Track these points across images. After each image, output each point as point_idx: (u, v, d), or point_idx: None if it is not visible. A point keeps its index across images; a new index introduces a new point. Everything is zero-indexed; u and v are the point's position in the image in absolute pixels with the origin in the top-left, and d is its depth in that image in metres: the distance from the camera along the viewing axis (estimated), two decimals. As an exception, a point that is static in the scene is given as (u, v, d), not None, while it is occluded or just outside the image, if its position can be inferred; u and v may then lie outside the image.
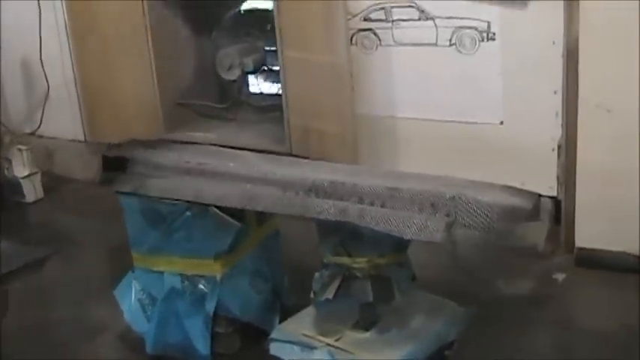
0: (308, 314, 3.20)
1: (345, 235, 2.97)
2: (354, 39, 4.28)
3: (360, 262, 2.96)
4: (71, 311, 3.85)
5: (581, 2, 3.56)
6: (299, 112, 4.60)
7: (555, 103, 3.82)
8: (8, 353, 3.45)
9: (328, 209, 2.87)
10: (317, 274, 3.08)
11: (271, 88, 5.23)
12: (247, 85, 5.29)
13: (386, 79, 4.27)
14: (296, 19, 4.29)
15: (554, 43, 3.73)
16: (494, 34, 3.86)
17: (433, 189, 2.94)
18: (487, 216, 2.87)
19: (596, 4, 3.51)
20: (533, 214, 3.13)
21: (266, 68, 5.12)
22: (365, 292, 2.99)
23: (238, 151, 3.47)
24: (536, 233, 4.00)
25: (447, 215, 2.87)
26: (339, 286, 3.01)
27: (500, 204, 2.93)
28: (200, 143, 4.17)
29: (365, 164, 4.35)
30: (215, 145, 4.84)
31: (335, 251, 2.97)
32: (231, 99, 5.25)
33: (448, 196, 2.89)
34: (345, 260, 2.99)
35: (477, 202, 2.89)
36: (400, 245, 3.01)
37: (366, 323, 3.09)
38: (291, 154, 4.65)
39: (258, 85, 5.28)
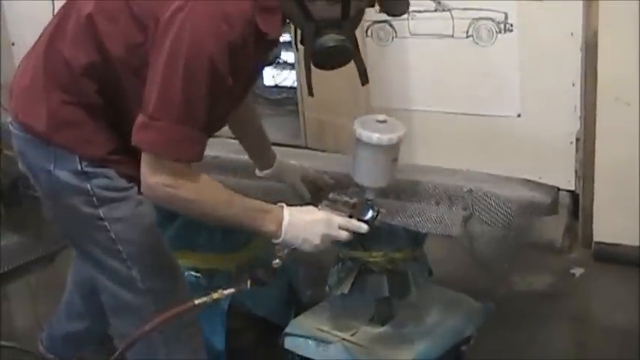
0: (323, 309, 3.16)
1: (360, 229, 2.93)
2: (369, 31, 4.24)
3: (376, 257, 2.93)
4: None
5: (600, -5, 3.50)
6: (314, 105, 4.57)
7: (573, 95, 3.77)
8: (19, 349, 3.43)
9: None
10: (332, 269, 3.05)
11: (286, 80, 5.20)
12: (262, 78, 5.26)
13: (401, 72, 4.23)
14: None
15: (572, 34, 3.68)
16: (511, 25, 3.82)
17: (450, 182, 2.92)
18: (505, 210, 2.84)
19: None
20: (552, 208, 3.10)
21: (281, 61, 5.08)
22: (381, 286, 2.95)
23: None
24: (554, 227, 3.96)
25: (464, 209, 2.84)
26: (355, 281, 2.97)
27: (518, 198, 2.91)
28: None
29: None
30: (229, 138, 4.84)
31: (350, 245, 2.93)
32: (247, 92, 5.21)
33: (465, 189, 2.86)
34: (360, 254, 2.96)
35: (495, 196, 2.86)
36: (417, 239, 2.98)
37: (381, 318, 3.05)
38: (306, 148, 4.63)
39: (273, 77, 5.24)
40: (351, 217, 2.41)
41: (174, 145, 2.17)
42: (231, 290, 2.36)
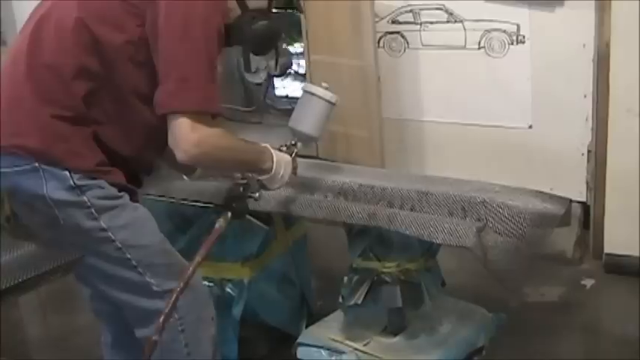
0: (336, 319, 3.17)
1: (373, 240, 2.95)
2: (381, 42, 4.26)
3: (389, 267, 2.94)
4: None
5: (613, 5, 3.50)
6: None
7: (585, 107, 3.78)
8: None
9: (357, 213, 2.85)
10: (345, 279, 3.05)
11: (297, 91, 5.21)
12: (273, 88, 5.27)
13: (413, 83, 4.24)
14: (323, 22, 4.27)
15: (584, 46, 3.69)
16: (523, 36, 3.83)
17: (464, 193, 2.92)
18: (518, 221, 2.84)
19: (628, 8, 3.46)
20: (565, 219, 3.10)
21: (292, 71, 5.10)
22: (394, 297, 2.96)
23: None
24: (565, 239, 3.96)
25: (478, 220, 2.84)
26: (368, 291, 2.98)
27: (531, 209, 2.90)
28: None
29: (392, 168, 4.32)
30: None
31: (364, 255, 2.94)
32: (257, 102, 5.23)
33: (479, 200, 2.86)
34: (373, 265, 2.96)
35: (508, 207, 2.86)
36: (430, 250, 2.98)
37: (394, 328, 3.06)
38: (317, 158, 4.64)
39: (284, 88, 5.25)
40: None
41: (210, 100, 2.38)
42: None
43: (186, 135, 2.33)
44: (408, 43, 4.16)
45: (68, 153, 2.37)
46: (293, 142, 2.79)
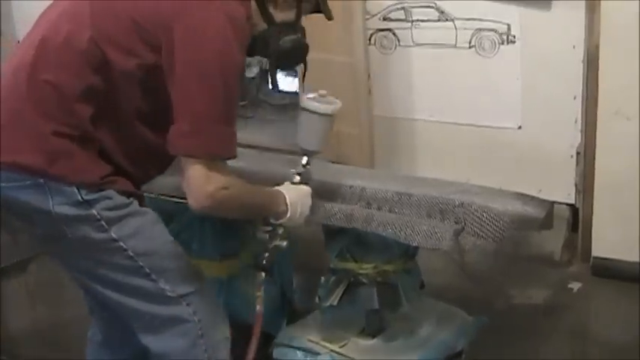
0: (314, 319, 3.15)
1: (351, 240, 2.92)
2: (372, 39, 4.22)
3: (366, 268, 2.92)
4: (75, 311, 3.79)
5: (602, 6, 3.46)
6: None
7: (575, 108, 3.74)
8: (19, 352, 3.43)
9: (335, 213, 2.81)
10: (322, 279, 3.03)
11: (291, 85, 5.17)
12: (267, 83, 5.23)
13: (404, 81, 4.21)
14: (314, 19, 4.22)
15: (574, 47, 3.65)
16: (514, 36, 3.79)
17: (443, 195, 2.88)
18: (497, 224, 2.81)
19: (618, 9, 3.42)
20: (546, 223, 3.06)
21: (286, 67, 5.04)
22: (370, 299, 2.93)
23: (249, 150, 3.43)
24: (553, 241, 3.92)
25: (456, 222, 2.81)
26: (345, 293, 2.96)
27: (511, 212, 2.87)
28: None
29: (381, 166, 4.29)
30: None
31: (341, 256, 2.92)
32: (250, 97, 5.19)
33: (457, 202, 2.83)
34: (350, 266, 2.94)
35: (487, 210, 2.83)
36: (408, 252, 2.95)
37: (372, 330, 3.03)
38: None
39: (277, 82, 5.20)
40: (305, 183, 2.70)
41: (226, 145, 2.30)
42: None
43: (200, 186, 2.27)
44: (399, 40, 4.13)
45: (73, 169, 2.30)
46: (304, 163, 2.75)
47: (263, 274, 2.62)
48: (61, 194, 2.31)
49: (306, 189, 2.64)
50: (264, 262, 2.61)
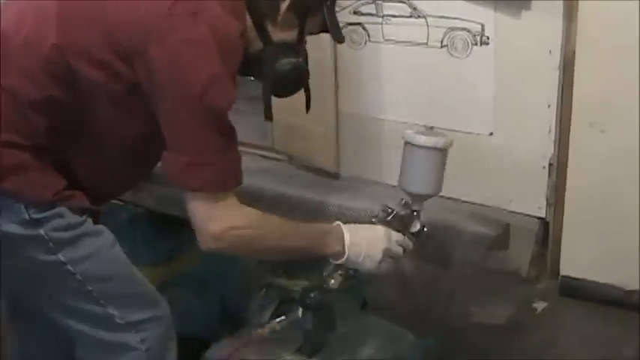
0: (249, 334, 2.95)
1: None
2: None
3: (300, 286, 2.71)
4: None
5: (580, 10, 3.23)
6: (282, 105, 4.33)
7: (549, 117, 3.51)
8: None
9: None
10: (256, 294, 2.84)
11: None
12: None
13: (374, 78, 3.99)
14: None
15: (550, 52, 3.41)
16: (488, 37, 3.55)
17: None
18: (443, 243, 2.62)
19: (595, 16, 3.19)
20: (502, 243, 2.88)
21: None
22: (303, 318, 2.74)
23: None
24: (521, 256, 3.70)
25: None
26: (277, 310, 2.77)
27: (459, 230, 2.68)
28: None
29: (347, 166, 4.10)
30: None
31: (274, 271, 2.72)
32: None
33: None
34: (283, 282, 2.74)
35: (434, 228, 2.63)
36: (345, 269, 2.75)
37: (308, 350, 2.83)
38: (273, 150, 4.42)
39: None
40: (400, 231, 2.44)
41: (230, 175, 2.12)
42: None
43: (205, 227, 2.10)
44: (369, 36, 3.90)
45: (23, 184, 2.12)
46: (401, 211, 2.47)
47: (301, 310, 2.44)
48: (8, 211, 2.13)
49: (381, 229, 2.39)
50: (309, 301, 2.44)
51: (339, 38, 2.44)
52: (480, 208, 3.65)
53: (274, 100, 4.41)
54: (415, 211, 2.45)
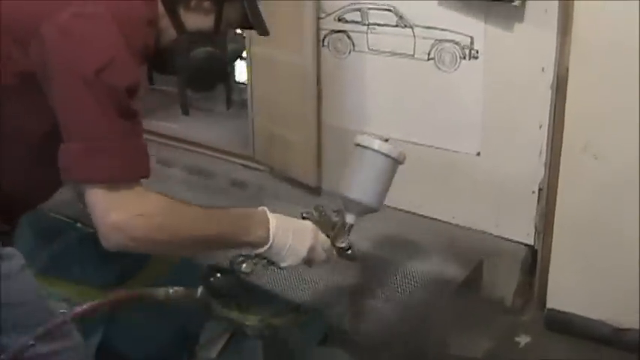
0: (203, 364, 2.74)
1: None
2: (326, 40, 3.78)
3: (251, 320, 2.49)
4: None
5: (574, 25, 2.99)
6: (265, 114, 4.14)
7: (540, 139, 3.28)
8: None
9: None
10: (206, 325, 2.62)
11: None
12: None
13: (357, 89, 3.77)
14: (265, 11, 3.79)
15: (543, 70, 3.19)
16: (477, 51, 3.33)
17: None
18: (403, 284, 2.40)
19: (591, 31, 2.96)
20: (473, 282, 2.65)
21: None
22: (254, 354, 2.52)
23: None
24: (506, 285, 3.47)
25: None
26: (228, 344, 2.55)
27: (421, 271, 2.45)
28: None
29: (327, 179, 3.89)
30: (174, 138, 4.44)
31: (225, 303, 2.49)
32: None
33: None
34: (234, 315, 2.51)
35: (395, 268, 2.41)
36: (300, 306, 2.54)
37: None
38: (254, 161, 4.22)
39: (237, 75, 4.82)
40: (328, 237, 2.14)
41: (132, 163, 1.82)
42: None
43: (105, 217, 1.78)
44: (354, 44, 3.68)
45: None
46: (334, 218, 2.21)
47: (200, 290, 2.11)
48: None
49: (310, 224, 2.11)
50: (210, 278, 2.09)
51: (262, 32, 2.20)
52: (462, 231, 3.43)
53: (256, 106, 4.24)
54: (348, 225, 2.20)
